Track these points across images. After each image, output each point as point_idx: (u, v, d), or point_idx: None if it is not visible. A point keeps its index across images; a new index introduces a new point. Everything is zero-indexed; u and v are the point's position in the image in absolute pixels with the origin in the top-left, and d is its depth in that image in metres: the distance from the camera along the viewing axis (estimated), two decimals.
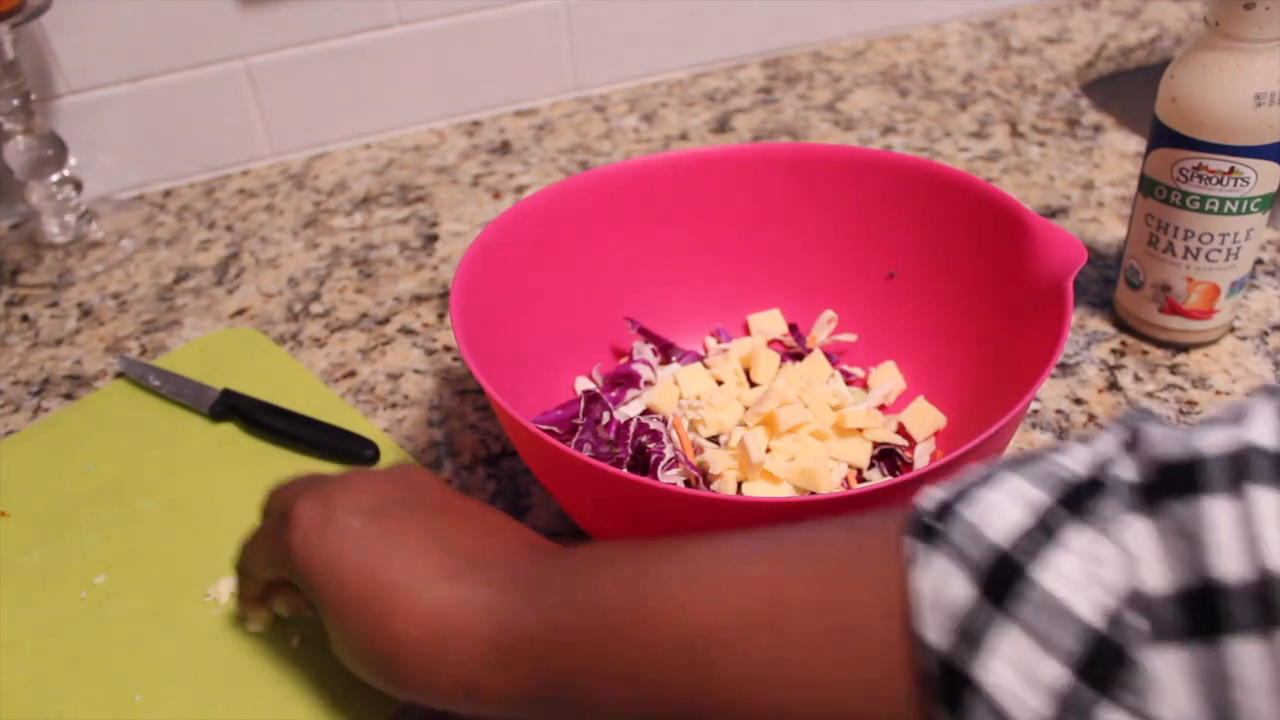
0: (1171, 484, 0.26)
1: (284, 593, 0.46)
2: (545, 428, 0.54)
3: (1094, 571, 0.26)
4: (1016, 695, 0.26)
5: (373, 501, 0.40)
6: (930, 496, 0.30)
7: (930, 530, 0.28)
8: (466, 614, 0.37)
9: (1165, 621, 0.25)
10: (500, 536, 0.40)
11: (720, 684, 0.31)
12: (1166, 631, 0.25)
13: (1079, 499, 0.27)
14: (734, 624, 0.31)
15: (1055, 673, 0.25)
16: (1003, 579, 0.26)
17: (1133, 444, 0.28)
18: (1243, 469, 0.25)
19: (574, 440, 0.53)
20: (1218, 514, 0.25)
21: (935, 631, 0.27)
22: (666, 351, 0.60)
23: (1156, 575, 0.25)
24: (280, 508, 0.43)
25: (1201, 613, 0.24)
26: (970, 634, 0.26)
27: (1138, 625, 0.25)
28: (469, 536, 0.40)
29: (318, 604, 0.40)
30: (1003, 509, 0.28)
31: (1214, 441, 0.26)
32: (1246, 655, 0.24)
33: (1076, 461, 0.28)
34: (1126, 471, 0.27)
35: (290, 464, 0.58)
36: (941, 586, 0.27)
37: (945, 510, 0.29)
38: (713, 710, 0.32)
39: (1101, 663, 0.25)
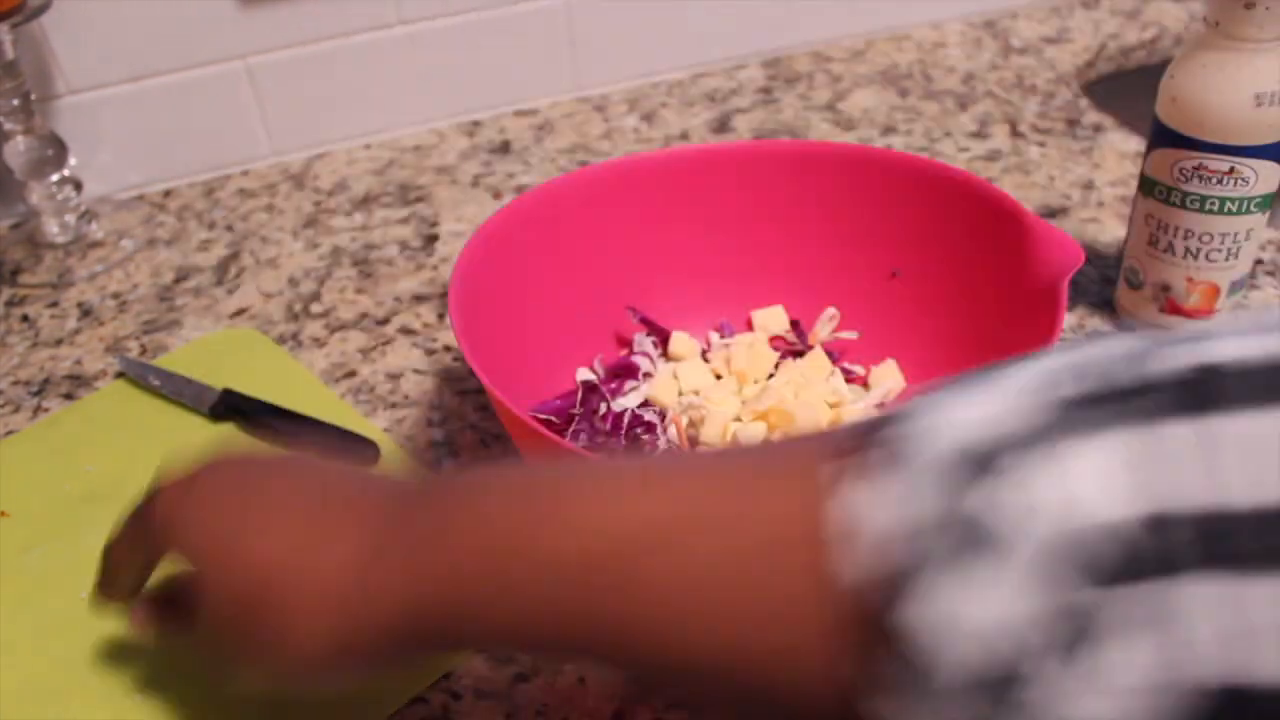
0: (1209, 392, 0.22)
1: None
2: (543, 418, 0.54)
3: (1106, 486, 0.22)
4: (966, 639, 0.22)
5: (235, 474, 0.39)
6: (857, 421, 0.26)
7: (872, 444, 0.24)
8: (328, 547, 0.34)
9: (1189, 545, 0.21)
10: (370, 482, 0.38)
11: (612, 603, 0.28)
12: (1194, 556, 0.21)
13: (1074, 406, 0.23)
14: (631, 540, 0.28)
15: (1031, 604, 0.22)
16: (976, 493, 0.22)
17: (1127, 354, 0.24)
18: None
19: (570, 431, 0.53)
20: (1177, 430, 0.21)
21: (866, 564, 0.23)
22: (667, 343, 0.60)
23: (1175, 496, 0.21)
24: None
25: (1226, 539, 0.21)
26: (918, 567, 0.22)
27: (1159, 547, 0.21)
28: (334, 483, 0.38)
29: (188, 558, 0.38)
30: (975, 418, 0.23)
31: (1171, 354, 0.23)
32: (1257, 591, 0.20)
33: (1060, 366, 0.24)
34: (1125, 378, 0.23)
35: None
36: (884, 508, 0.23)
37: (890, 426, 0.25)
38: (604, 633, 0.29)
39: (1102, 593, 0.21)
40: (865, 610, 0.24)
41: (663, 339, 0.60)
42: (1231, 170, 0.55)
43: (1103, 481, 0.22)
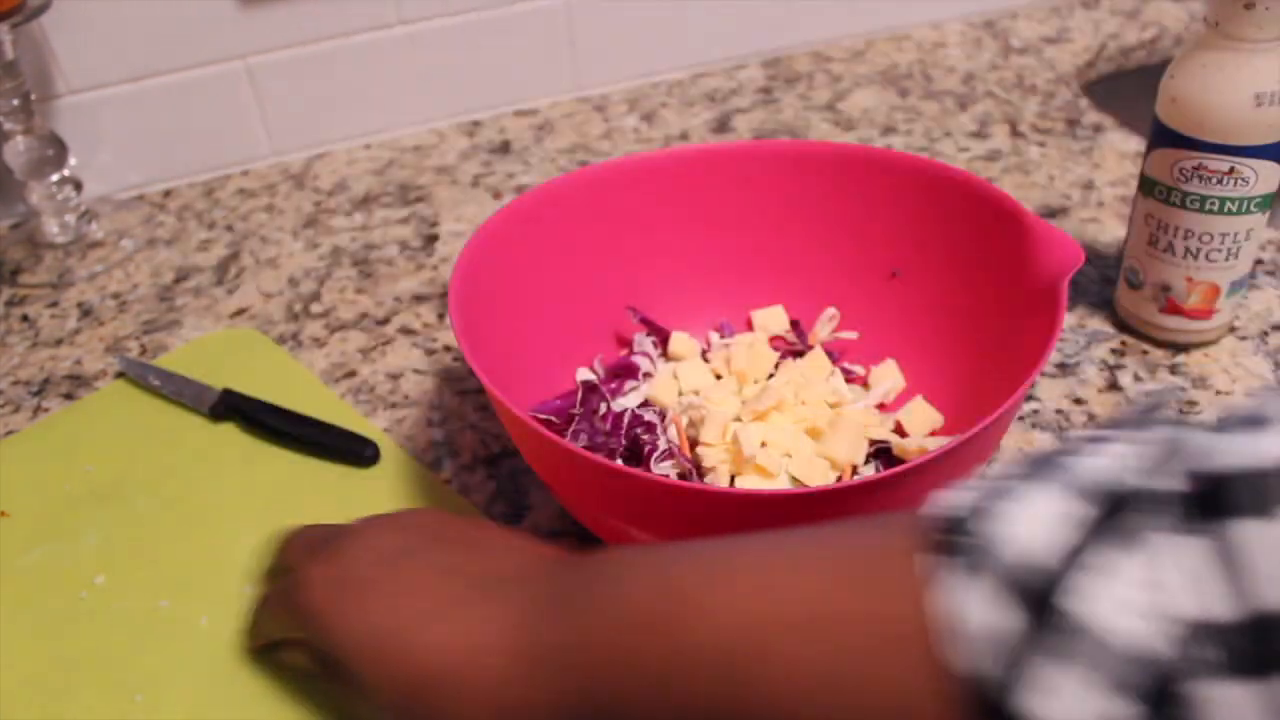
0: (1228, 500, 0.24)
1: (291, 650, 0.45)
2: (543, 418, 0.54)
3: (1148, 598, 0.24)
4: None
5: (381, 553, 0.40)
6: (946, 503, 0.28)
7: (957, 545, 0.27)
8: (488, 635, 0.36)
9: (1231, 653, 0.23)
10: (514, 555, 0.39)
11: (759, 692, 0.30)
12: (1233, 663, 0.23)
13: (1119, 512, 0.25)
14: (769, 632, 0.30)
15: (1105, 707, 0.24)
16: (1041, 605, 0.25)
17: (1168, 449, 0.26)
18: None
19: (570, 431, 0.53)
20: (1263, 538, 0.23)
21: (973, 659, 0.26)
22: (667, 343, 0.60)
23: (1218, 603, 0.23)
24: (288, 566, 0.43)
25: (1272, 643, 0.23)
26: (1006, 665, 0.25)
27: (1206, 656, 0.23)
28: (483, 559, 0.39)
29: (341, 658, 0.39)
30: (1031, 524, 0.26)
31: (1270, 451, 0.24)
32: None
33: (1106, 465, 0.27)
34: (1168, 481, 0.25)
35: (290, 464, 0.58)
36: (968, 609, 0.26)
37: (962, 522, 0.27)
38: (747, 718, 0.31)
39: (1160, 696, 0.23)
40: (983, 699, 0.25)
41: (663, 339, 0.60)
42: (1231, 170, 0.55)
43: (1207, 586, 0.24)
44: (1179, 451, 0.26)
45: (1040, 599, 0.25)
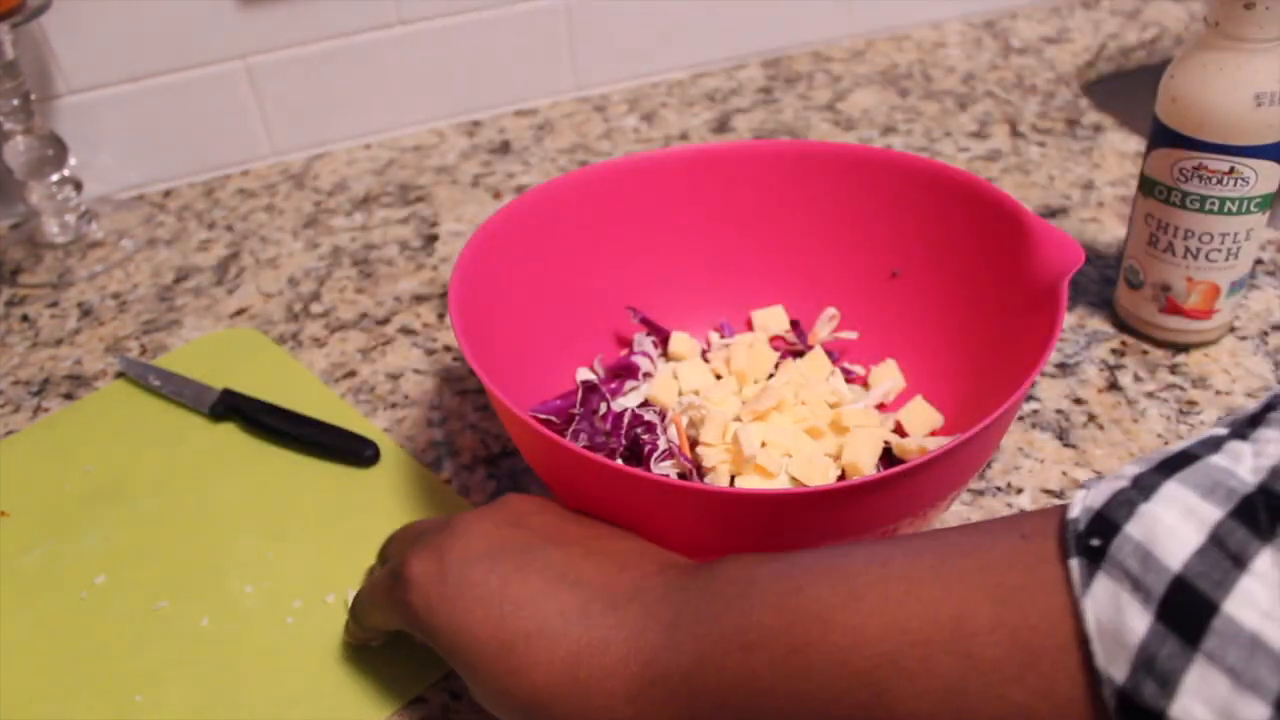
0: None
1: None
2: (543, 418, 0.54)
3: None
4: None
5: (487, 548, 0.39)
6: (1084, 505, 0.28)
7: (1092, 549, 0.27)
8: (607, 655, 0.35)
9: None
10: (627, 563, 0.39)
11: (901, 711, 0.30)
12: None
13: (1257, 514, 0.25)
14: (911, 649, 0.29)
15: (1259, 713, 0.24)
16: (1187, 610, 0.25)
17: None
18: None
19: (570, 431, 0.53)
20: None
21: (1116, 667, 0.26)
22: (667, 343, 0.60)
23: None
24: (394, 560, 0.42)
25: None
26: (1159, 672, 0.25)
27: None
28: (594, 569, 0.38)
29: (448, 659, 0.39)
30: (1174, 527, 0.26)
31: None
32: None
33: (1242, 466, 0.26)
34: None
35: (290, 464, 0.58)
36: (1116, 615, 0.26)
37: (1104, 523, 0.27)
38: None
39: None
40: (1137, 709, 0.25)
41: (663, 339, 0.60)
42: (1231, 170, 0.55)
43: None
44: None
45: (1188, 604, 0.25)
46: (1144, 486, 0.27)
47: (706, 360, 0.59)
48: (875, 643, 0.30)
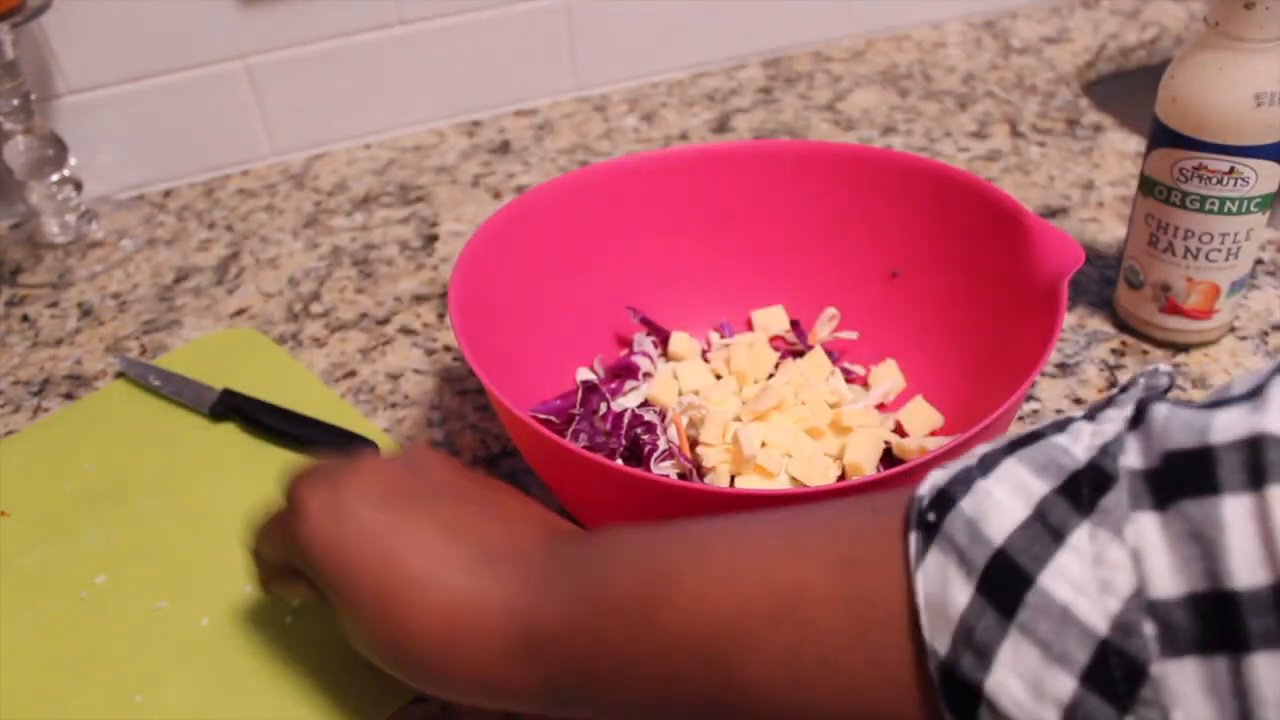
0: (1181, 478, 0.24)
1: (294, 579, 0.45)
2: (543, 418, 0.54)
3: (1102, 576, 0.24)
4: (1027, 710, 0.24)
5: (383, 491, 0.39)
6: (931, 482, 0.28)
7: (929, 524, 0.27)
8: (483, 609, 0.36)
9: (1178, 631, 0.23)
10: (517, 523, 0.39)
11: (741, 677, 0.30)
12: (1180, 642, 0.23)
13: (1081, 490, 0.25)
14: (751, 617, 0.30)
15: (1065, 686, 0.24)
16: (1005, 583, 0.25)
17: (1138, 422, 0.26)
18: (1259, 463, 0.23)
19: (570, 431, 0.53)
20: (1230, 514, 0.23)
21: (940, 639, 0.26)
22: (667, 343, 0.60)
23: (1168, 581, 0.23)
24: (291, 495, 0.42)
25: (1217, 622, 0.22)
26: (976, 644, 0.25)
27: (1150, 634, 0.23)
28: (484, 525, 0.38)
29: (328, 594, 0.39)
30: (1001, 501, 0.26)
31: (1226, 427, 0.24)
32: (1266, 669, 0.22)
33: (1079, 444, 0.27)
34: (1132, 458, 0.25)
35: (290, 464, 0.58)
36: (941, 588, 0.26)
37: (943, 499, 0.27)
38: (732, 703, 0.31)
39: (1113, 675, 0.23)
40: (954, 678, 0.26)
41: (663, 339, 0.60)
42: (1231, 170, 0.55)
43: (1157, 564, 0.24)
44: (1148, 429, 0.26)
45: (1006, 577, 0.25)
46: (986, 464, 0.28)
47: (706, 360, 0.59)
48: (717, 610, 0.31)
